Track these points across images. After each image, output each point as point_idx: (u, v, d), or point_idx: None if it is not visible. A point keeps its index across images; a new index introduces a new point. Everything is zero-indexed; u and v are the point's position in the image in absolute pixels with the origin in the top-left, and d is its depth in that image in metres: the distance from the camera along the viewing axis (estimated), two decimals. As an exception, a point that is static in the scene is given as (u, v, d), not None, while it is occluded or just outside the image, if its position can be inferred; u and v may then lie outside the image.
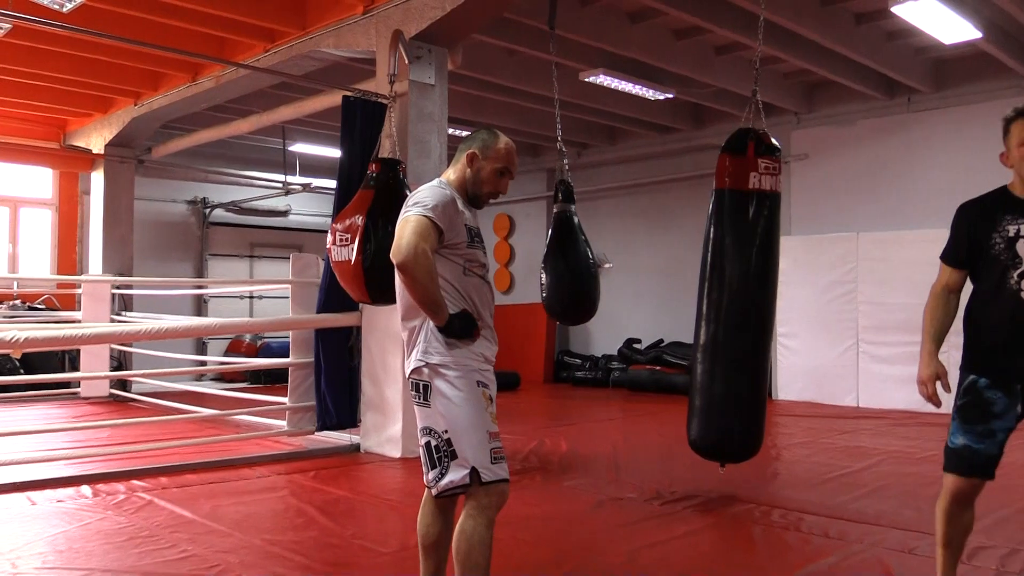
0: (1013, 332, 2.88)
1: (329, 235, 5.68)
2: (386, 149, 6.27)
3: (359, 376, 6.77)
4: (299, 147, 12.70)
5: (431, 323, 2.82)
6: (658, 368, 11.50)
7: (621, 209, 13.28)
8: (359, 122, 6.51)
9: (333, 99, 7.95)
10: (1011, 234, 2.89)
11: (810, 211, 10.71)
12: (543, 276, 6.30)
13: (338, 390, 6.74)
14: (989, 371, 2.94)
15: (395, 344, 6.42)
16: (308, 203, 14.76)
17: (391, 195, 5.61)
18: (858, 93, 10.08)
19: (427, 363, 2.83)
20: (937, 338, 3.02)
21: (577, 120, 11.68)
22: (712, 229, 4.78)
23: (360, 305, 6.66)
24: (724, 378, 4.68)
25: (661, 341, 12.11)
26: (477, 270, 2.93)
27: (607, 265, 13.19)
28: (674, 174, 12.39)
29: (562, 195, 6.43)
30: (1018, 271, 2.86)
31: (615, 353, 12.51)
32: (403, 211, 2.89)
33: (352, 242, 5.47)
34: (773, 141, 4.79)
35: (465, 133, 11.92)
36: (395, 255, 2.75)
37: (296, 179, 13.29)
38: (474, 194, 3.03)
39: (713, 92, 10.00)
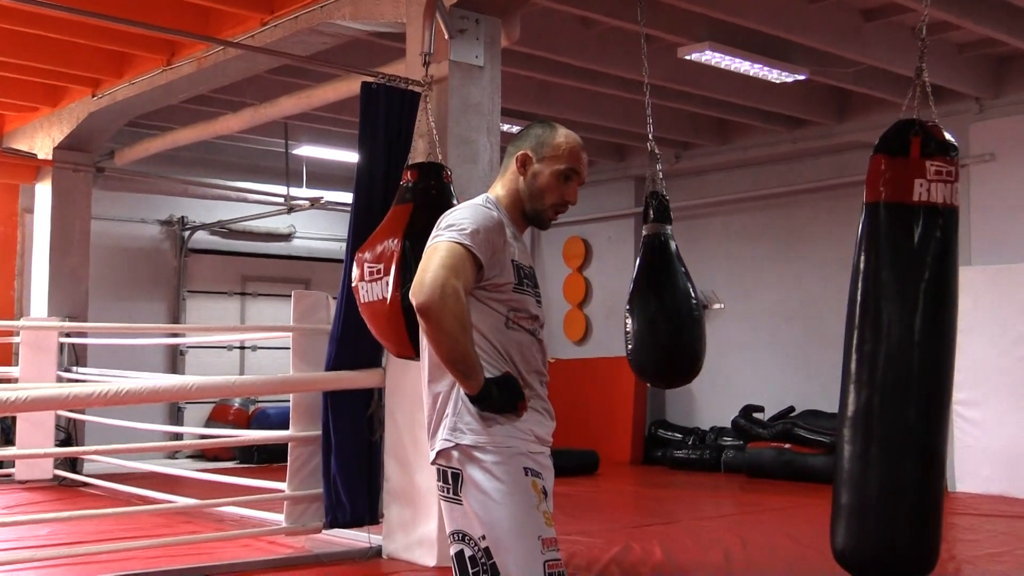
0: None
1: (355, 268, 5.71)
2: (419, 152, 6.32)
3: (381, 456, 6.79)
4: (306, 150, 12.89)
5: (462, 390, 2.80)
6: (787, 446, 11.35)
7: (735, 230, 13.19)
8: (384, 117, 6.57)
9: (350, 87, 8.04)
10: None
11: (997, 232, 10.50)
12: (629, 321, 6.23)
13: (354, 474, 6.74)
14: None
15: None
16: (317, 223, 14.97)
17: (435, 210, 5.59)
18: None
19: (457, 444, 2.83)
20: None
21: (676, 111, 11.66)
22: (863, 258, 4.73)
23: (385, 360, 6.68)
24: (883, 464, 4.60)
25: (791, 410, 11.97)
26: (525, 323, 2.92)
27: (717, 306, 13.07)
28: (808, 182, 12.33)
29: (654, 212, 6.36)
30: None
31: (728, 426, 12.44)
32: (432, 235, 2.90)
33: (386, 273, 5.49)
34: (947, 137, 4.74)
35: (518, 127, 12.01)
36: (415, 294, 2.75)
37: (302, 192, 13.49)
38: (534, 211, 3.04)
39: (860, 72, 9.93)
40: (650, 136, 6.88)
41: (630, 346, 6.29)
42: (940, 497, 4.67)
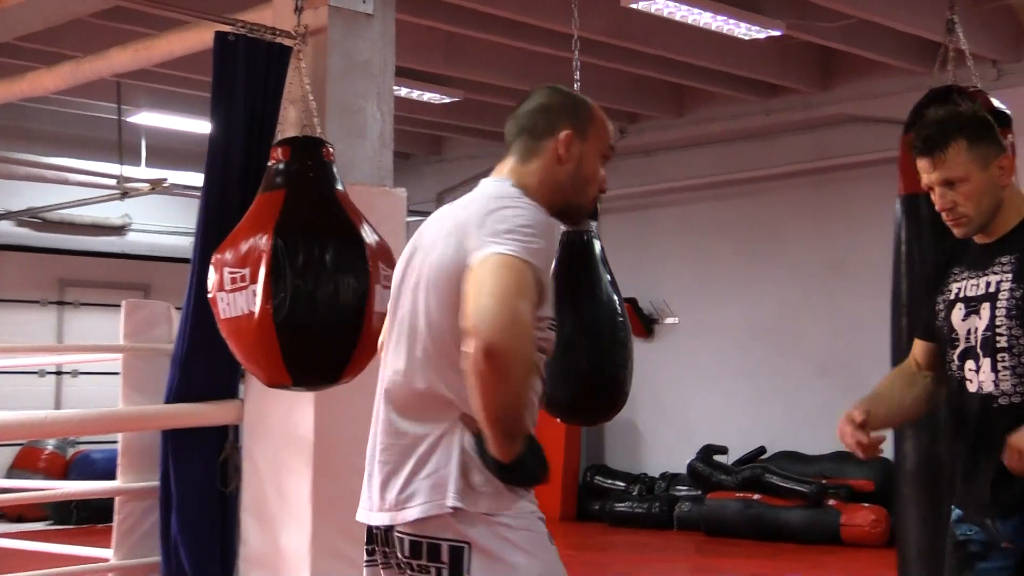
0: (963, 437, 3.48)
1: (212, 273, 5.64)
2: (290, 123, 6.29)
3: (237, 512, 6.74)
4: (144, 118, 12.78)
5: (467, 439, 2.76)
6: (756, 497, 11.48)
7: (693, 224, 13.32)
8: (245, 77, 6.52)
9: (201, 37, 7.95)
10: (951, 296, 3.49)
11: None
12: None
13: (201, 536, 6.69)
14: (959, 498, 3.54)
15: (299, 456, 6.40)
16: (159, 212, 14.89)
17: (314, 198, 5.65)
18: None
19: (463, 508, 2.74)
20: (875, 392, 3.64)
21: (620, 75, 11.74)
22: (904, 265, 4.81)
23: (243, 389, 6.65)
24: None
25: (762, 451, 12.14)
26: (543, 370, 2.91)
27: (669, 320, 13.15)
28: (785, 164, 12.45)
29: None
30: (958, 350, 3.44)
31: (683, 472, 12.53)
32: (480, 233, 2.77)
33: (253, 280, 5.43)
34: (994, 102, 4.83)
35: (432, 95, 12.03)
36: (483, 326, 2.59)
37: (139, 172, 13.38)
38: (577, 205, 3.04)
39: (849, 27, 10.08)
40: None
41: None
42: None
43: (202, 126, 11.71)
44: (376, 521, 2.89)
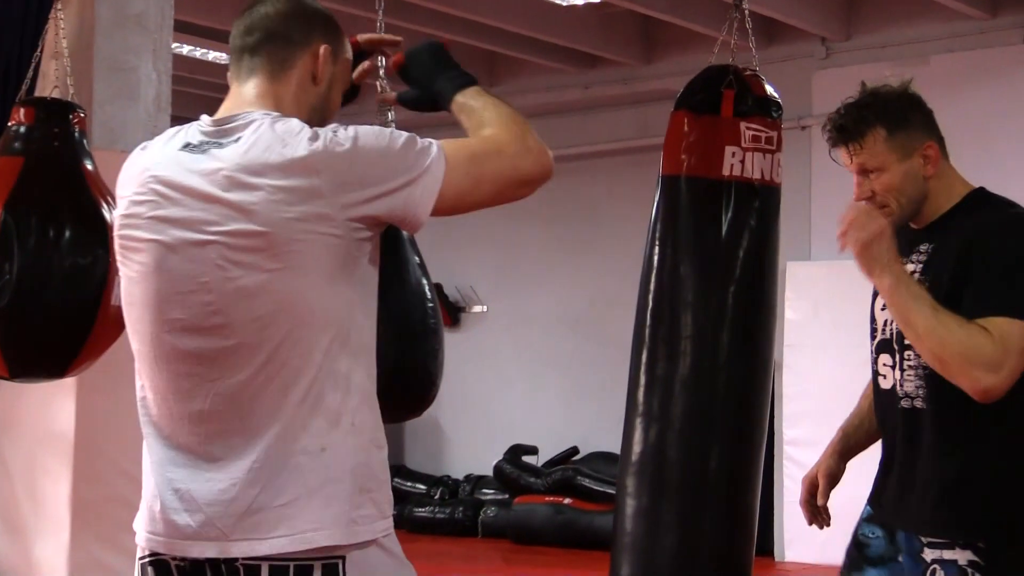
0: (883, 434, 3.57)
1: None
2: (50, 80, 6.11)
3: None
4: None
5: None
6: (567, 502, 11.57)
7: (504, 205, 13.31)
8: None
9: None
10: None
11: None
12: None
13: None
14: (872, 496, 3.61)
15: (57, 456, 6.31)
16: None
17: (57, 170, 5.50)
18: (935, 6, 10.38)
19: (351, 542, 2.62)
20: (844, 431, 3.83)
21: (424, 39, 11.67)
22: (656, 250, 4.83)
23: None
24: (676, 524, 4.71)
25: (575, 452, 12.24)
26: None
27: (477, 309, 13.18)
28: (604, 142, 12.58)
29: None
30: (875, 341, 3.51)
31: (489, 474, 12.59)
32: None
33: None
34: (768, 90, 4.89)
35: (218, 54, 11.81)
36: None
37: None
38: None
39: (676, -5, 10.22)
40: (380, 69, 6.87)
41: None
42: (748, 568, 4.83)
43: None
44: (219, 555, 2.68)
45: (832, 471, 3.73)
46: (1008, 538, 3.22)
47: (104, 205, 5.33)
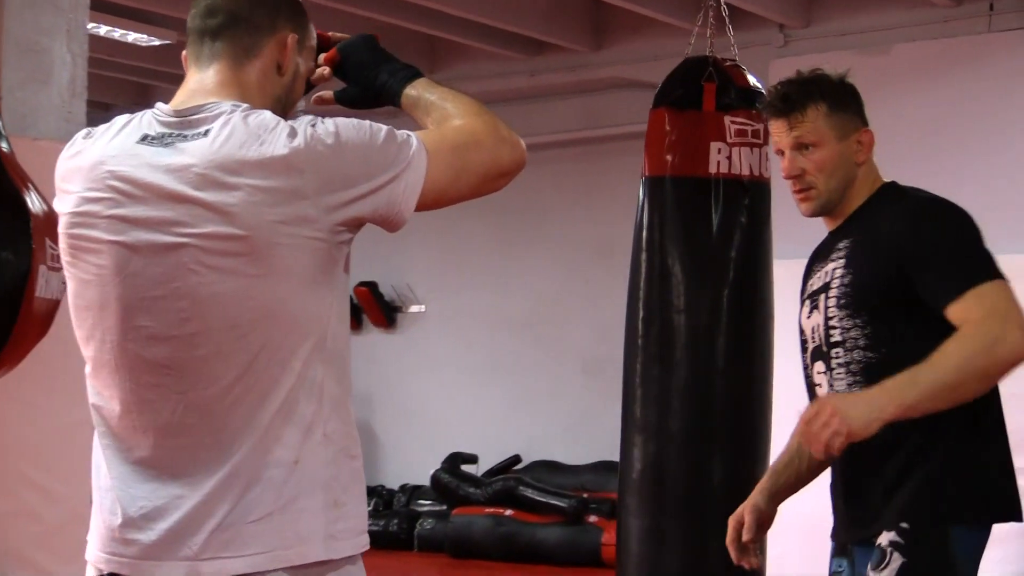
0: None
1: None
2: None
3: None
4: None
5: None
6: (508, 513, 11.62)
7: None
8: None
9: None
10: (803, 295, 3.61)
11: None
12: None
13: None
14: (832, 529, 3.65)
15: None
16: None
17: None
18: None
19: (329, 560, 2.63)
20: (774, 470, 3.79)
21: (361, 22, 11.59)
22: (644, 255, 4.84)
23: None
24: (681, 541, 4.73)
25: (517, 460, 12.32)
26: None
27: (415, 308, 13.17)
28: (550, 133, 12.54)
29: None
30: (808, 352, 3.57)
31: (426, 484, 12.65)
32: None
33: None
34: (751, 79, 4.90)
35: (138, 36, 11.76)
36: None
37: None
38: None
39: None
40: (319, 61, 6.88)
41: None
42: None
43: None
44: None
45: (760, 508, 3.68)
46: (930, 519, 3.30)
47: (23, 190, 5.27)
